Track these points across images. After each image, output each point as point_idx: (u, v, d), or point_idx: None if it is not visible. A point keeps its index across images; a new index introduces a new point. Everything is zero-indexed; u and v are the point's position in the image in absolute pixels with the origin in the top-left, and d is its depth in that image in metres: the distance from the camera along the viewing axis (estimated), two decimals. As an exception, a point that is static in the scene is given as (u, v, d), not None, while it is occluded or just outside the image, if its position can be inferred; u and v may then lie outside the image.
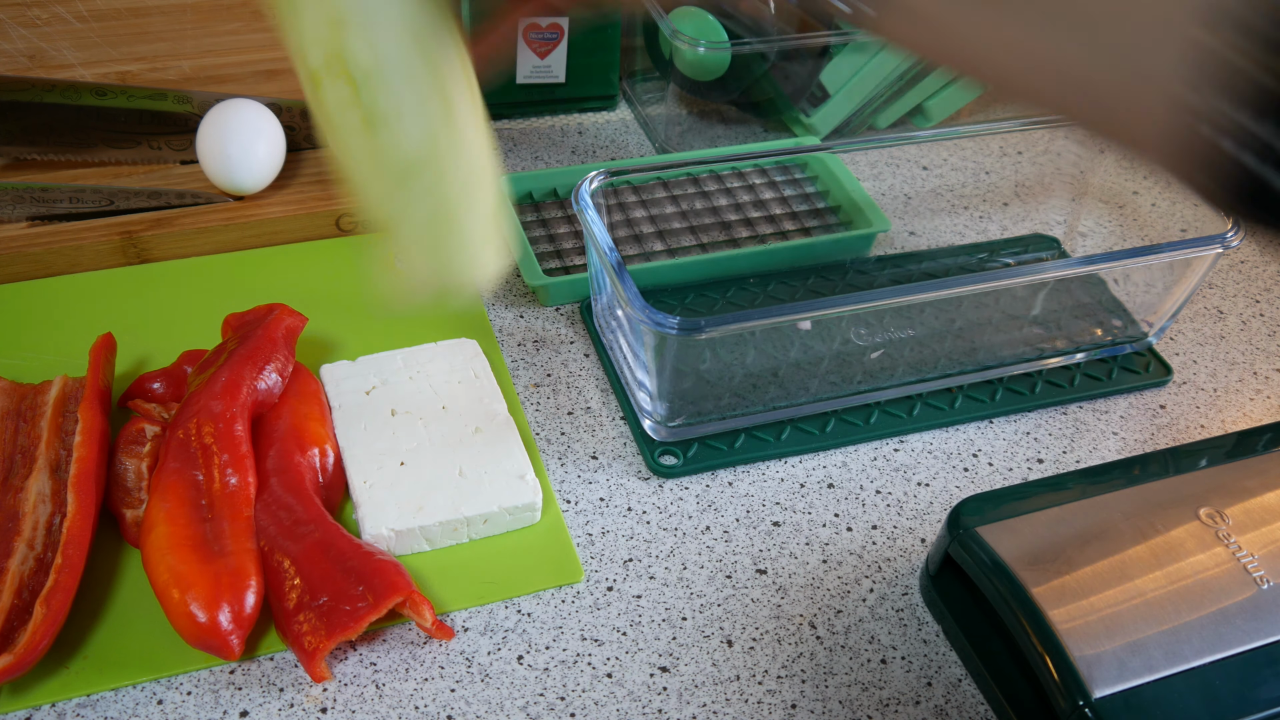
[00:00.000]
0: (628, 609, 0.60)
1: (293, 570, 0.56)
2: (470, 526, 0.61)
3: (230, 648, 0.53)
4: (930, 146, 0.93)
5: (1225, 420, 0.74)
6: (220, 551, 0.55)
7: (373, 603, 0.55)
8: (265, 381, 0.63)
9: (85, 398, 0.61)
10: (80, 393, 0.63)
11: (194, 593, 0.53)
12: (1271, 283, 0.86)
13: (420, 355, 0.69)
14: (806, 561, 0.63)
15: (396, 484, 0.61)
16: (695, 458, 0.67)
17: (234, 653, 0.53)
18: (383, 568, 0.56)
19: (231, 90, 0.82)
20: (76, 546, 0.56)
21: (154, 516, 0.56)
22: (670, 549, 0.63)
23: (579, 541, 0.63)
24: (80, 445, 0.59)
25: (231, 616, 0.53)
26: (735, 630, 0.59)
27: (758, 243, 0.81)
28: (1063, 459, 0.70)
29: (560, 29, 0.89)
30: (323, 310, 0.74)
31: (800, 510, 0.65)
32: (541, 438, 0.68)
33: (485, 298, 0.76)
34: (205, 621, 0.53)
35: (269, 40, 0.81)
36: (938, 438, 0.71)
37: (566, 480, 0.66)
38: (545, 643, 0.58)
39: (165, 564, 0.54)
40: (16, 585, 0.54)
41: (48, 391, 0.63)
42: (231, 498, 0.57)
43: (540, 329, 0.75)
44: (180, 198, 0.77)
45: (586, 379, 0.72)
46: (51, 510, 0.57)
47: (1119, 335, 0.76)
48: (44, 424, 0.61)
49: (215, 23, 0.79)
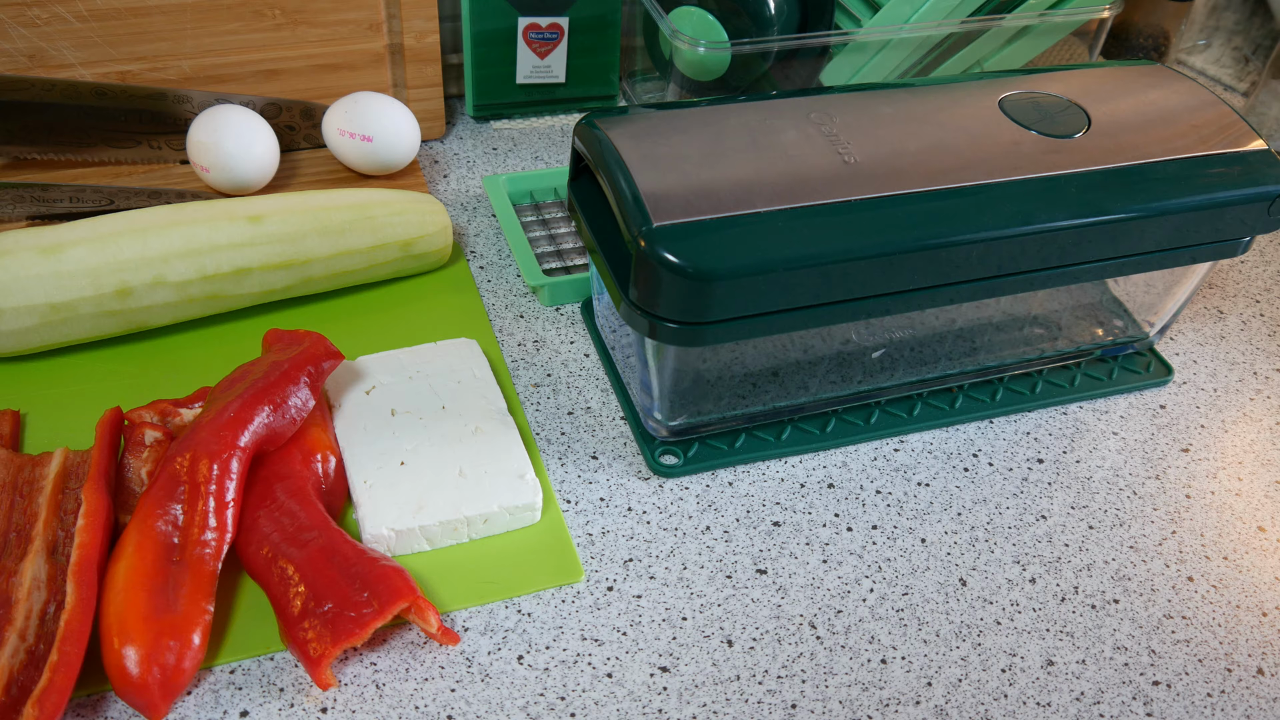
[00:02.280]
0: (628, 609, 0.60)
1: (297, 576, 0.56)
2: (470, 526, 0.61)
3: (155, 709, 0.52)
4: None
5: (1225, 420, 0.74)
6: (172, 605, 0.53)
7: (378, 609, 0.54)
8: (279, 420, 0.61)
9: (90, 477, 0.58)
10: (83, 469, 0.59)
11: (133, 645, 0.51)
12: (1271, 283, 0.86)
13: (420, 355, 0.69)
14: (806, 561, 0.63)
15: (397, 484, 0.61)
16: (696, 457, 0.67)
17: (158, 715, 0.52)
18: (387, 573, 0.56)
19: (232, 90, 0.82)
20: (74, 643, 0.51)
21: (126, 542, 0.55)
22: (670, 549, 0.63)
23: (579, 541, 0.63)
24: (83, 530, 0.55)
25: (162, 679, 0.52)
26: (735, 630, 0.59)
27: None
28: (1063, 459, 0.70)
29: (560, 29, 0.89)
30: (322, 310, 0.74)
31: (800, 510, 0.65)
32: (542, 438, 0.68)
33: (484, 299, 0.76)
34: (136, 678, 0.51)
35: (269, 40, 0.81)
36: (938, 437, 0.71)
37: (567, 480, 0.66)
38: (545, 642, 0.58)
39: (116, 604, 0.53)
40: (5, 680, 0.50)
41: (48, 464, 0.59)
42: (202, 548, 0.56)
43: (540, 329, 0.75)
44: (180, 197, 0.77)
45: (587, 379, 0.72)
46: (46, 598, 0.53)
47: (1120, 335, 0.76)
48: (43, 500, 0.57)
49: (215, 22, 0.79)
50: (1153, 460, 0.70)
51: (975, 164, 0.62)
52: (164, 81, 0.80)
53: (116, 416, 0.62)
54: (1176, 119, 0.68)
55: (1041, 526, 0.66)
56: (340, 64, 0.84)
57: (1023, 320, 0.73)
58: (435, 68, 0.87)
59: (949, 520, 0.66)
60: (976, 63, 0.91)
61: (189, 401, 0.64)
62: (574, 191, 0.65)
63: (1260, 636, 0.61)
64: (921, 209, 0.60)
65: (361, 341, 0.71)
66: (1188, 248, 0.67)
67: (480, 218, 0.84)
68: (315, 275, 0.72)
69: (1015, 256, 0.62)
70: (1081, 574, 0.63)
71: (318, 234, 0.71)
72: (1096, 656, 0.59)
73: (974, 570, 0.63)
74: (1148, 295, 0.75)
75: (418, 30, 0.85)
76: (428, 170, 0.88)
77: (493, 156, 0.90)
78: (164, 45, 0.79)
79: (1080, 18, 0.90)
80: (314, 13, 0.81)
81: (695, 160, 0.60)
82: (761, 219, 0.57)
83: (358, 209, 0.72)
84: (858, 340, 0.69)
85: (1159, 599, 0.63)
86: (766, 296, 0.58)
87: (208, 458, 0.58)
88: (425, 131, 0.90)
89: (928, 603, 0.61)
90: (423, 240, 0.75)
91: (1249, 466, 0.71)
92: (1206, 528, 0.67)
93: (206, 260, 0.68)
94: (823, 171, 0.60)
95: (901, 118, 0.65)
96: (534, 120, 0.94)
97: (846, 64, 0.88)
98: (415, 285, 0.77)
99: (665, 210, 0.57)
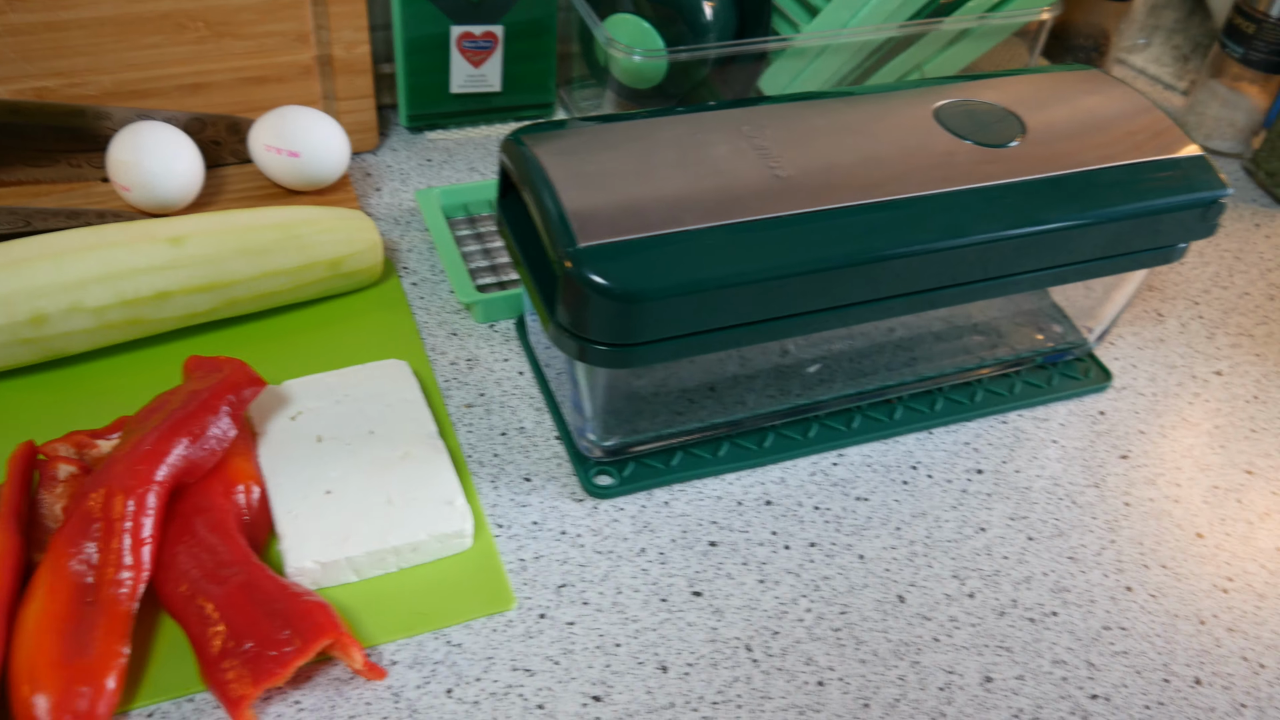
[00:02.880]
0: (560, 636, 0.58)
1: (216, 615, 0.54)
2: (399, 555, 0.60)
3: None
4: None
5: (1164, 425, 0.73)
6: (85, 648, 0.52)
7: (300, 646, 0.53)
8: (198, 451, 0.59)
9: (0, 515, 0.56)
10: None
11: (43, 693, 0.50)
12: (1210, 284, 0.86)
13: (348, 378, 0.67)
14: (743, 582, 0.62)
15: (322, 514, 0.60)
16: (631, 477, 0.66)
17: None
18: (310, 609, 0.54)
19: (155, 105, 0.80)
20: None
21: (38, 584, 0.54)
22: (604, 573, 0.62)
23: (511, 567, 0.61)
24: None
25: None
26: (670, 655, 0.58)
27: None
28: (1002, 469, 0.69)
29: (495, 37, 0.88)
30: (247, 333, 0.72)
31: (737, 529, 0.64)
32: (474, 460, 0.67)
33: (416, 316, 0.75)
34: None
35: (193, 53, 0.79)
36: (876, 450, 0.70)
37: (499, 504, 0.64)
38: (475, 674, 0.56)
39: (26, 650, 0.51)
40: None
41: None
42: (117, 588, 0.54)
43: (474, 347, 0.74)
44: (101, 217, 0.75)
45: (521, 398, 0.71)
46: None
47: (1059, 341, 0.76)
48: None
49: (135, 36, 0.76)
50: (1092, 468, 0.70)
51: (909, 176, 0.61)
52: (83, 98, 0.78)
53: (29, 450, 0.60)
54: (1111, 125, 0.67)
55: (980, 539, 0.65)
56: (267, 77, 0.82)
57: (963, 329, 0.72)
58: (366, 78, 0.85)
59: (887, 535, 0.65)
60: (916, 66, 0.90)
61: (106, 432, 0.62)
62: (503, 209, 0.64)
63: (1198, 645, 0.61)
64: (854, 223, 0.59)
65: (289, 364, 0.70)
66: (1124, 255, 0.66)
67: (414, 232, 0.82)
68: (240, 297, 0.70)
69: (950, 269, 0.61)
70: (1020, 587, 0.63)
71: (241, 255, 0.69)
72: (1035, 671, 0.59)
73: (912, 586, 0.62)
74: (1087, 300, 0.75)
75: (347, 41, 0.83)
76: (360, 183, 0.86)
77: (427, 168, 0.89)
78: (82, 60, 0.77)
79: (1019, 20, 0.90)
80: (239, 25, 0.79)
81: (623, 177, 0.59)
82: (690, 237, 0.56)
83: (283, 228, 0.70)
84: (796, 353, 0.68)
85: (1097, 610, 0.62)
86: (697, 316, 0.57)
87: (122, 493, 0.56)
88: (358, 143, 0.88)
89: (865, 621, 0.61)
90: (352, 258, 0.73)
91: (1187, 472, 0.70)
92: (1145, 535, 0.66)
93: (125, 285, 0.66)
94: (753, 186, 0.59)
95: (835, 129, 0.64)
96: (470, 130, 0.93)
97: (785, 69, 0.87)
98: (345, 304, 0.75)
99: (591, 230, 0.55)
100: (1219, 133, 1.00)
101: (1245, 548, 0.66)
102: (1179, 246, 0.68)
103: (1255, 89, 0.96)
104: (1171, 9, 1.12)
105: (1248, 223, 0.93)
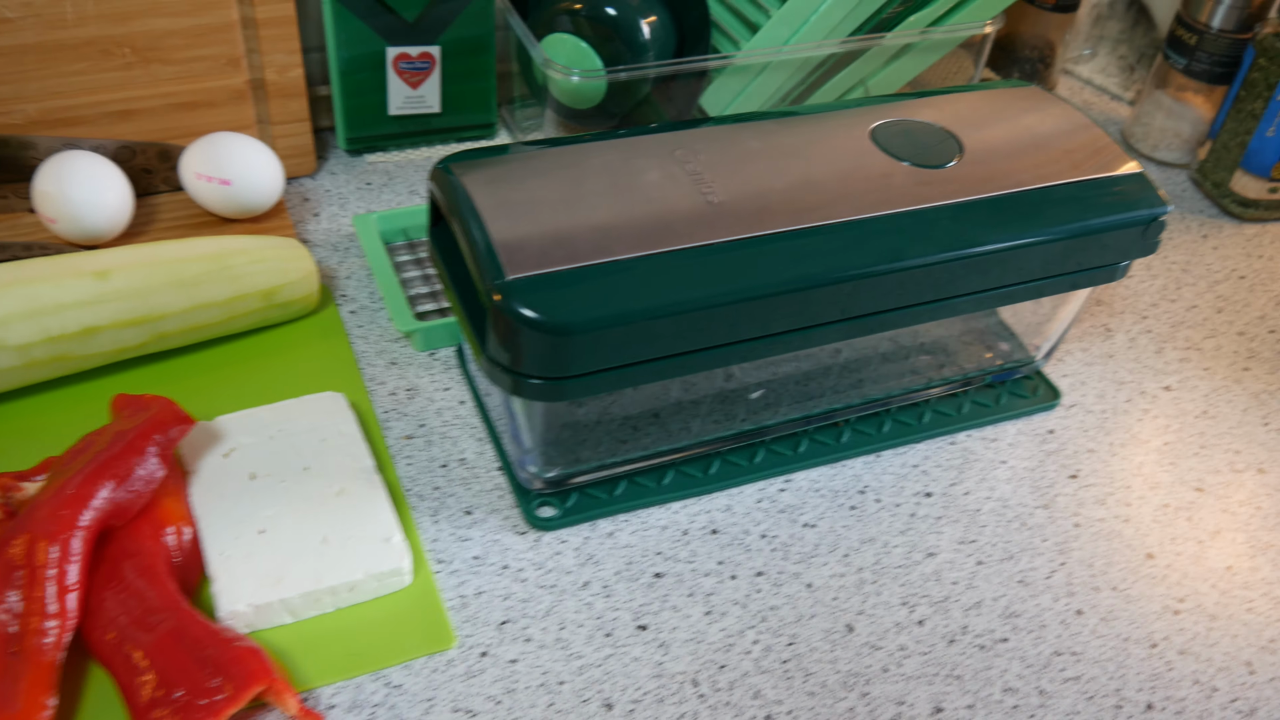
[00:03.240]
0: (502, 675, 0.57)
1: (145, 663, 0.53)
2: (335, 596, 0.58)
3: None
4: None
5: (1113, 443, 0.73)
6: (9, 701, 0.50)
7: (232, 694, 0.51)
8: (125, 494, 0.57)
9: None
10: None
11: None
12: (1158, 297, 0.85)
13: (282, 412, 0.66)
14: (689, 614, 0.61)
15: (254, 554, 0.58)
16: (574, 508, 0.65)
17: None
18: (241, 655, 0.53)
19: (83, 133, 0.78)
20: None
21: None
22: (548, 608, 0.60)
23: (451, 605, 0.60)
24: None
25: None
26: (615, 692, 0.57)
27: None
28: (951, 491, 0.69)
29: (432, 58, 0.86)
30: (179, 367, 0.70)
31: (683, 559, 0.63)
32: (413, 494, 0.65)
33: (355, 345, 0.73)
34: None
35: (120, 79, 0.77)
36: (824, 474, 0.69)
37: (439, 539, 0.63)
38: (416, 716, 0.55)
39: None
40: None
41: None
42: (41, 637, 0.52)
43: (414, 376, 0.72)
44: (27, 249, 0.73)
45: (462, 428, 0.69)
46: None
47: (1007, 359, 0.75)
48: None
49: (60, 63, 0.74)
50: (1041, 489, 0.69)
51: (845, 199, 0.60)
52: (8, 127, 0.76)
53: None
54: (1050, 144, 0.67)
55: (930, 564, 0.64)
56: (199, 102, 0.80)
57: (909, 349, 0.72)
58: (301, 102, 0.83)
59: (835, 562, 0.64)
60: (860, 82, 0.90)
61: (32, 474, 0.61)
62: (434, 239, 0.63)
63: (1149, 669, 0.60)
64: (789, 248, 0.58)
65: (222, 398, 0.68)
66: (1066, 275, 0.66)
67: (352, 258, 0.80)
68: (170, 331, 0.68)
69: (890, 293, 0.61)
70: (970, 613, 0.62)
71: (171, 287, 0.67)
72: (985, 700, 0.58)
73: (861, 614, 0.61)
74: (1034, 317, 0.74)
75: (279, 64, 0.81)
76: (297, 209, 0.84)
77: (367, 192, 0.87)
78: (6, 88, 0.75)
79: (962, 34, 0.89)
80: (167, 50, 0.77)
81: (553, 205, 0.57)
82: (622, 267, 0.55)
83: (213, 259, 0.69)
84: (740, 377, 0.67)
85: (1048, 635, 0.61)
86: (631, 347, 0.56)
87: (46, 539, 0.54)
88: (294, 168, 0.86)
89: (814, 652, 0.59)
90: (286, 288, 0.71)
91: (1137, 490, 0.70)
92: (1095, 557, 0.66)
93: (50, 321, 0.64)
94: (685, 213, 0.58)
95: (770, 152, 0.63)
96: (410, 152, 0.91)
97: (727, 86, 0.86)
98: (281, 334, 0.73)
99: (520, 261, 0.54)
100: (1165, 143, 1.00)
101: (1196, 567, 0.66)
102: (1121, 265, 0.68)
103: (1200, 99, 0.96)
104: (1116, 19, 1.12)
105: (1195, 234, 0.93)
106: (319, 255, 0.80)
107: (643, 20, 0.83)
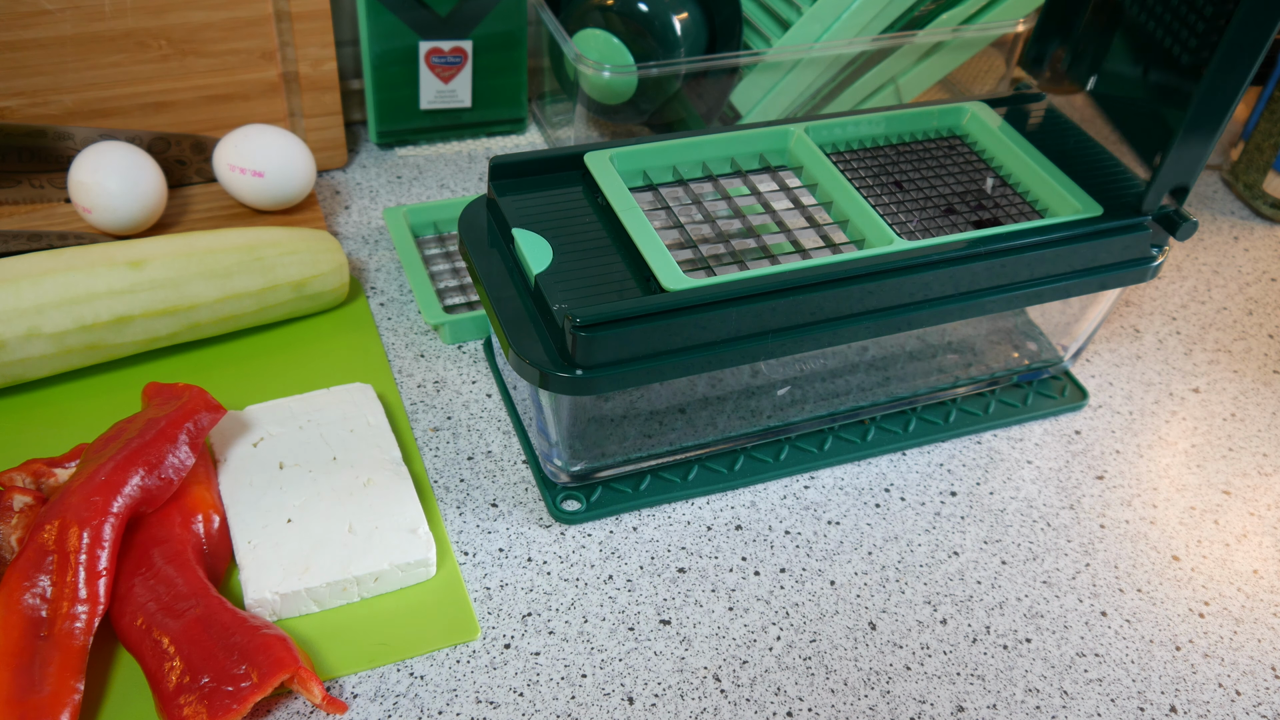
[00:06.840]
0: (525, 667, 0.57)
1: (172, 649, 0.53)
2: (360, 586, 0.58)
3: None
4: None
5: (1140, 444, 0.73)
6: (39, 685, 0.51)
7: (257, 682, 0.52)
8: (156, 481, 0.58)
9: None
10: None
11: None
12: (1188, 299, 0.85)
13: (311, 403, 0.66)
14: (712, 610, 0.61)
15: (282, 543, 0.59)
16: (599, 502, 0.65)
17: None
18: (268, 643, 0.53)
19: (118, 124, 0.79)
20: None
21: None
22: (571, 601, 0.61)
23: (476, 596, 0.60)
24: None
25: None
26: (637, 686, 0.57)
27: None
28: (976, 491, 0.68)
29: (464, 52, 0.87)
30: (210, 357, 0.71)
31: (706, 555, 0.63)
32: (439, 485, 0.66)
33: (384, 337, 0.74)
34: None
35: (156, 71, 0.78)
36: (849, 472, 0.69)
37: (465, 530, 0.63)
38: (438, 707, 0.55)
39: None
40: None
41: None
42: (71, 622, 0.53)
43: (442, 369, 0.73)
44: (62, 239, 0.74)
45: (488, 421, 0.70)
46: None
47: (1035, 359, 0.75)
48: None
49: (97, 55, 0.75)
50: (1067, 489, 0.69)
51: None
52: (45, 117, 0.77)
53: None
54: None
55: (954, 564, 0.64)
56: (233, 94, 0.81)
57: (936, 348, 0.72)
58: (333, 95, 0.84)
59: (859, 560, 0.64)
60: (890, 79, 0.89)
61: (64, 460, 0.61)
62: (465, 230, 0.63)
63: (1174, 672, 0.60)
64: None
65: (252, 389, 0.69)
66: (1094, 274, 0.65)
67: (382, 251, 0.81)
68: (202, 321, 0.69)
69: (919, 289, 0.61)
70: (994, 613, 0.62)
71: (203, 278, 0.68)
72: (1008, 700, 0.58)
73: (884, 613, 0.61)
74: (1062, 317, 0.74)
75: (313, 58, 0.82)
76: (329, 202, 0.85)
77: (397, 185, 0.87)
78: (43, 80, 0.75)
79: (994, 33, 0.89)
80: (203, 43, 0.78)
81: None
82: None
83: (246, 250, 0.69)
84: (767, 373, 0.67)
85: (1072, 636, 0.61)
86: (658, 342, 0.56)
87: (77, 525, 0.55)
88: (326, 161, 0.87)
89: (836, 649, 0.60)
90: (317, 280, 0.72)
91: (1164, 493, 0.70)
92: (1120, 559, 0.65)
93: (84, 309, 0.65)
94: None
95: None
96: (440, 146, 0.92)
97: (758, 83, 0.86)
98: (311, 326, 0.74)
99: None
100: (1197, 144, 0.99)
101: (1222, 570, 0.65)
102: (1152, 265, 0.67)
103: (1233, 100, 0.96)
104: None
105: (1226, 235, 0.92)
106: (349, 248, 0.81)
107: (675, 16, 0.83)
